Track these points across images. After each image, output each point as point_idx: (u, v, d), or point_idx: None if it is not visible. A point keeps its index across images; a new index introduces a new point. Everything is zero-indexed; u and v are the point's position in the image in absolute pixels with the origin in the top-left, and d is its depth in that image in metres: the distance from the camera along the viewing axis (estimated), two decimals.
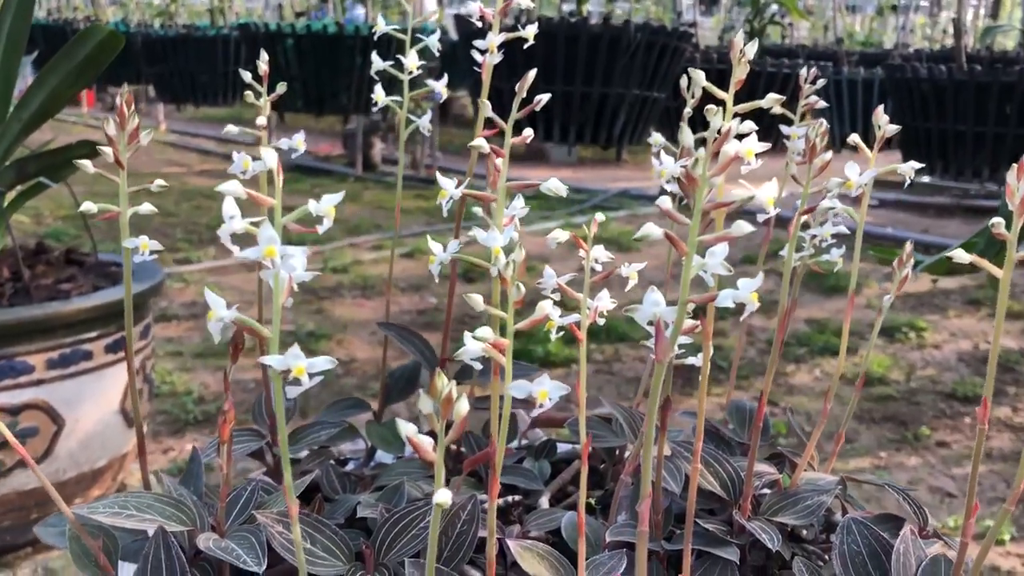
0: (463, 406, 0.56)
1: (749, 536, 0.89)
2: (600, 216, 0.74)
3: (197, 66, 5.60)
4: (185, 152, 8.22)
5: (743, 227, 0.57)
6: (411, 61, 1.04)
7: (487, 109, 0.74)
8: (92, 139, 1.97)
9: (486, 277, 4.02)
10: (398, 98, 1.09)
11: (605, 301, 0.73)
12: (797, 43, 4.88)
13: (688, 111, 1.06)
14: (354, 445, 1.22)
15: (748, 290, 0.56)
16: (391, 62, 1.10)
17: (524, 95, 0.76)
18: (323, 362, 0.55)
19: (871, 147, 0.89)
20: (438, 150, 6.30)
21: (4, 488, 1.82)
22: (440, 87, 1.08)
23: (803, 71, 0.99)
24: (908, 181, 0.89)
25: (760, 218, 0.71)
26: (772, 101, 0.64)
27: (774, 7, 3.94)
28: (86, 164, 0.85)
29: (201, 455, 0.95)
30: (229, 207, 0.54)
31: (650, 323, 0.58)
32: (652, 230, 0.57)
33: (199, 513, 0.84)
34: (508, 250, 0.70)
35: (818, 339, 3.83)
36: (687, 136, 0.56)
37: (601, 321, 0.71)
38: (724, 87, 0.81)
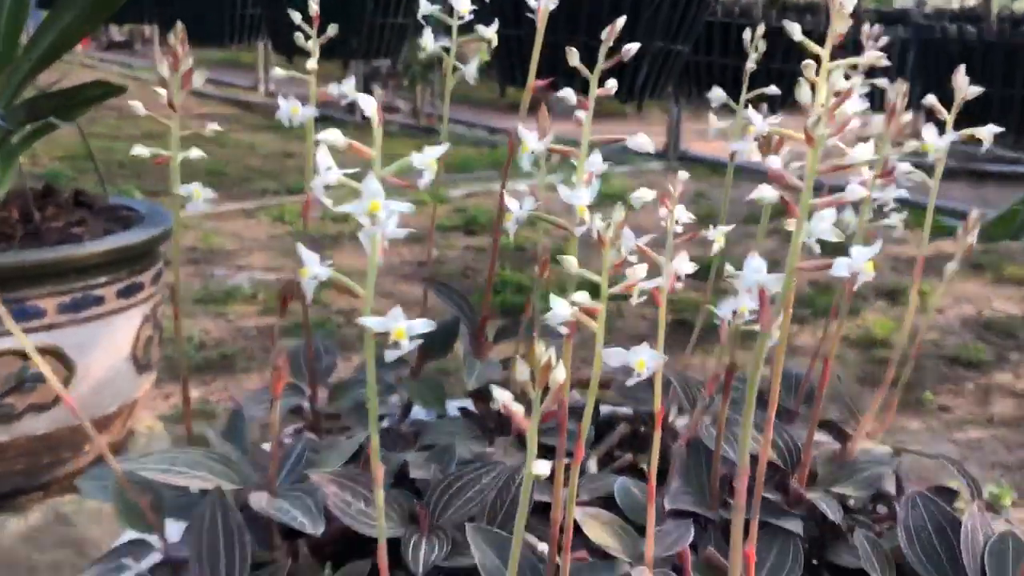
0: (560, 373, 0.53)
1: (806, 506, 0.87)
2: (684, 174, 0.70)
3: (200, 6, 5.45)
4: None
5: (857, 191, 0.54)
6: (463, 4, 1.00)
7: (575, 57, 0.70)
8: (106, 79, 1.91)
9: (487, 230, 4.04)
10: (447, 43, 1.05)
11: (685, 265, 0.70)
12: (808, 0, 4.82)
13: (751, 66, 1.02)
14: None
15: (864, 258, 0.53)
16: (438, 6, 1.06)
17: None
18: (422, 324, 0.52)
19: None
20: (438, 99, 6.21)
21: (15, 433, 1.79)
22: (490, 33, 1.03)
23: (864, 28, 0.95)
24: (986, 146, 0.86)
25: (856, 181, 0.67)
26: (873, 58, 0.61)
27: None
28: (138, 105, 0.81)
29: (246, 411, 0.92)
30: (323, 157, 0.51)
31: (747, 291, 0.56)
32: (767, 192, 0.54)
33: (248, 471, 0.82)
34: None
35: (822, 300, 3.82)
36: (804, 93, 0.53)
37: (679, 286, 0.68)
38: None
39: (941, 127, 0.83)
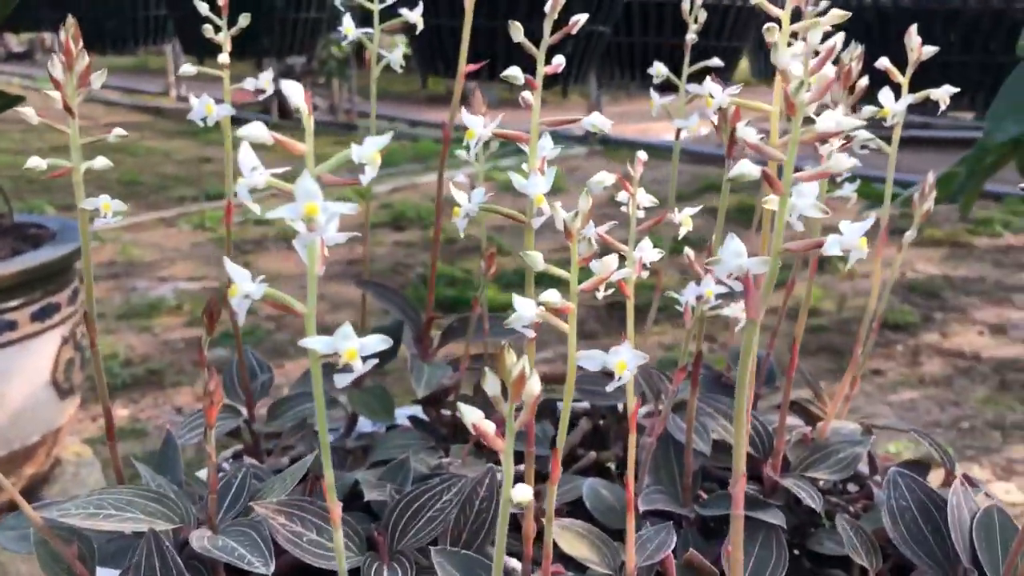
0: (535, 385, 0.47)
1: (783, 494, 0.83)
2: (643, 155, 0.65)
3: (104, 11, 5.19)
4: (88, 104, 7.80)
5: (842, 161, 0.49)
6: None
7: (518, 32, 0.65)
8: (4, 90, 1.79)
9: (416, 225, 3.93)
10: (369, 30, 0.98)
11: (650, 252, 0.65)
12: None
13: (692, 37, 0.98)
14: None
15: (856, 235, 0.49)
16: None
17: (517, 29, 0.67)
18: (376, 341, 0.46)
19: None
20: (356, 94, 6.09)
21: None
22: (416, 17, 0.97)
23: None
24: (943, 107, 0.83)
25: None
26: (836, 17, 0.56)
27: None
28: (29, 112, 0.72)
29: (176, 437, 0.85)
30: (247, 156, 0.44)
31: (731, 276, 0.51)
32: (749, 168, 0.49)
33: (185, 506, 0.74)
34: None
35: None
36: (783, 55, 0.48)
37: (645, 275, 0.63)
38: (673, 20, 0.74)
39: (897, 91, 0.80)
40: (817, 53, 0.48)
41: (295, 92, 0.45)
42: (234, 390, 1.00)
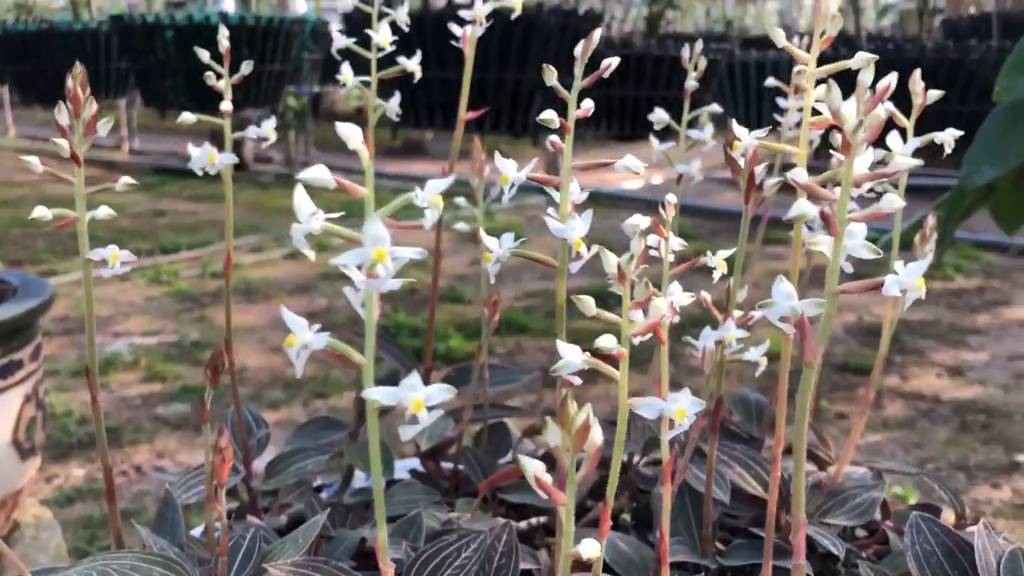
0: (598, 436, 0.46)
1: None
2: (672, 197, 0.65)
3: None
4: (41, 157, 7.67)
5: (895, 200, 0.49)
6: (383, 37, 0.93)
7: (553, 77, 0.64)
8: None
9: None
10: (367, 78, 0.97)
11: (680, 296, 0.64)
12: (671, 29, 4.93)
13: (693, 84, 0.98)
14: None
15: (915, 276, 0.49)
16: (353, 39, 0.98)
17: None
18: (440, 391, 0.44)
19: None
20: (313, 146, 6.07)
21: None
22: (413, 65, 0.96)
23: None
24: (949, 149, 0.83)
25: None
26: (862, 61, 0.57)
27: None
28: (33, 161, 0.70)
29: (176, 497, 0.81)
30: (304, 202, 0.42)
31: (781, 319, 0.50)
32: (806, 208, 0.48)
33: (191, 569, 0.71)
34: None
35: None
36: (837, 97, 0.48)
37: (676, 319, 0.62)
38: (636, 72, 0.74)
39: (903, 135, 0.81)
40: (875, 90, 0.48)
41: (351, 133, 0.43)
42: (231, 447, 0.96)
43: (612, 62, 0.67)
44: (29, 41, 5.32)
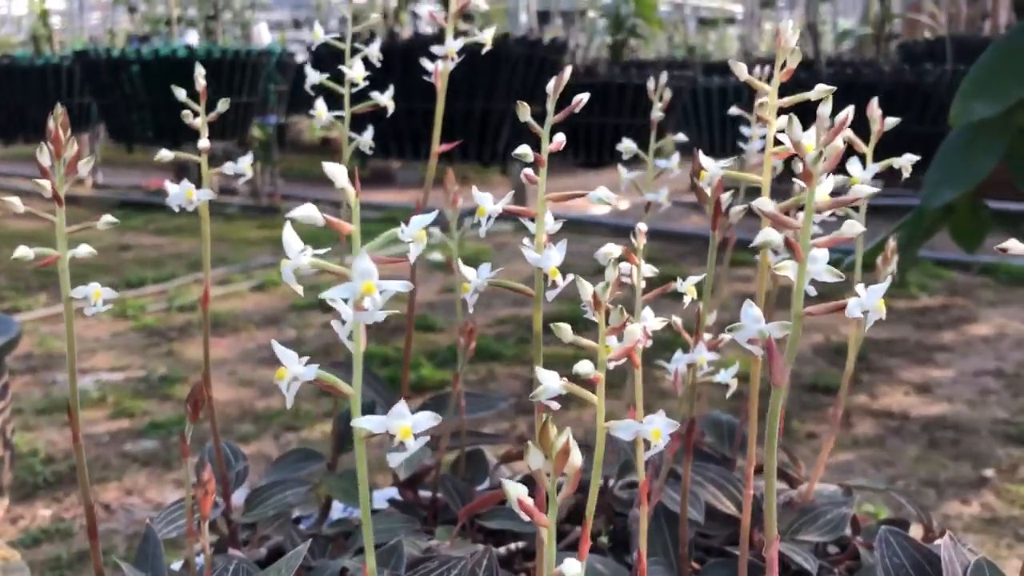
0: (577, 459, 0.47)
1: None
2: (643, 226, 0.67)
3: (24, 99, 5.03)
4: (1, 194, 7.57)
5: (856, 226, 0.51)
6: (357, 72, 0.94)
7: (526, 112, 0.66)
8: None
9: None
10: (341, 113, 0.99)
11: (652, 322, 0.66)
12: (634, 56, 5.00)
13: (658, 115, 1.01)
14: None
15: (876, 297, 0.51)
16: (326, 74, 1.00)
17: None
18: (427, 419, 0.45)
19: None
20: (279, 177, 6.06)
21: None
22: (386, 99, 0.98)
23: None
24: (906, 174, 0.86)
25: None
26: (821, 92, 0.59)
27: (632, 20, 4.00)
28: (15, 201, 0.70)
29: (157, 532, 0.81)
30: (292, 238, 0.43)
31: (750, 342, 0.52)
32: (772, 236, 0.50)
33: None
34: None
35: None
36: (797, 129, 0.50)
37: (648, 343, 0.64)
38: (601, 100, 0.76)
39: (862, 160, 0.83)
40: (831, 126, 0.50)
41: (338, 174, 0.45)
42: None
43: (583, 97, 0.69)
44: None
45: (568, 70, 0.68)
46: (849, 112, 0.53)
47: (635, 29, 3.86)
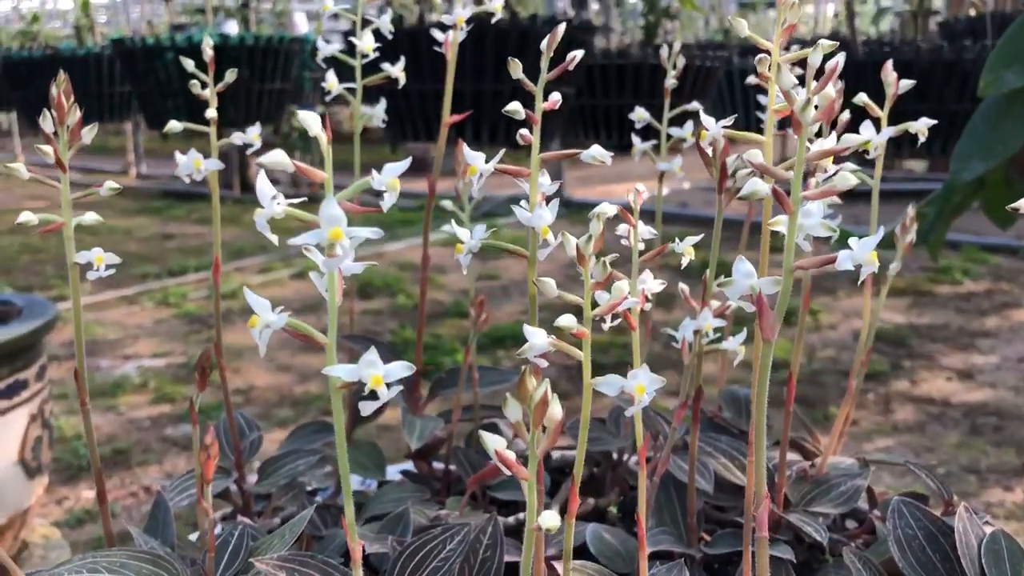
0: (557, 410, 0.47)
1: (787, 529, 0.83)
2: (641, 187, 0.66)
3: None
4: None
5: (848, 179, 0.50)
6: (366, 43, 0.94)
7: (518, 69, 0.65)
8: None
9: (383, 293, 3.89)
10: (352, 85, 0.99)
11: (652, 284, 0.65)
12: (671, 40, 4.96)
13: (672, 82, 1.00)
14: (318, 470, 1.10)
15: (867, 249, 0.49)
16: (338, 46, 1.00)
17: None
18: (400, 368, 0.45)
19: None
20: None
21: None
22: (397, 71, 0.98)
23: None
24: (923, 138, 0.84)
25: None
26: (827, 47, 0.58)
27: (665, 1, 3.98)
28: (19, 167, 0.71)
29: (168, 500, 0.82)
30: (265, 186, 0.44)
31: (743, 297, 0.51)
32: (758, 186, 0.49)
33: (180, 568, 0.72)
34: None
35: (737, 327, 3.86)
36: (786, 78, 0.49)
37: (648, 306, 0.63)
38: (634, 81, 0.75)
39: (876, 124, 0.82)
40: (820, 73, 0.49)
41: (312, 120, 0.45)
42: (223, 449, 0.98)
43: (577, 54, 0.68)
44: (34, 67, 5.37)
45: (562, 29, 0.67)
46: (840, 59, 0.52)
47: (669, 10, 3.82)
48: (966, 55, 2.52)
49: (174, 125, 0.87)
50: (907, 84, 0.81)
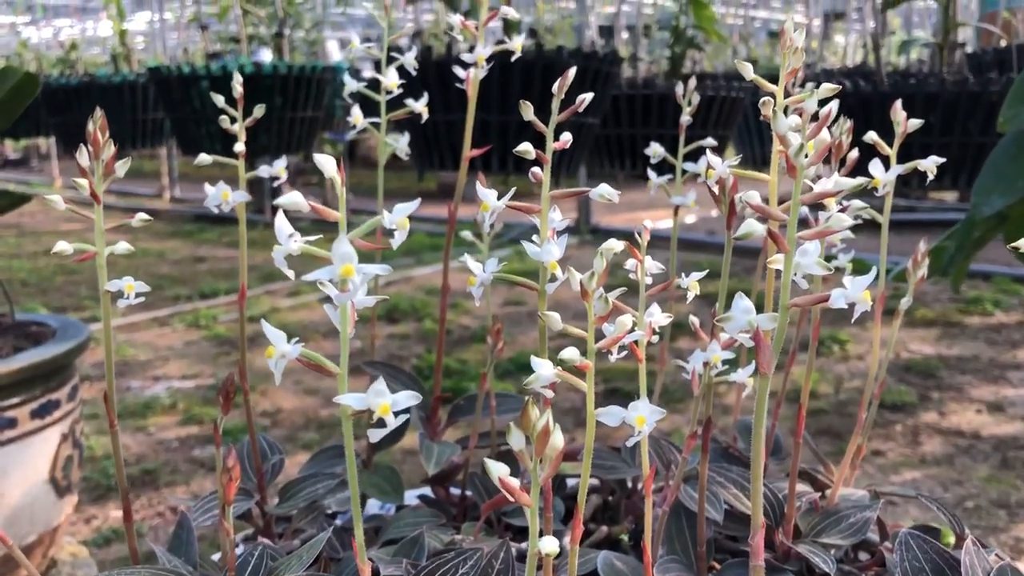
0: (558, 440, 0.49)
1: (796, 560, 0.84)
2: (648, 223, 0.68)
3: (105, 113, 5.27)
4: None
5: (843, 220, 0.52)
6: (391, 80, 0.98)
7: (529, 112, 0.68)
8: (9, 190, 1.83)
9: (410, 317, 3.93)
10: (377, 120, 1.02)
11: (658, 316, 0.67)
12: (699, 70, 4.99)
13: (686, 119, 1.02)
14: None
15: (860, 288, 0.51)
16: (364, 82, 1.03)
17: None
18: (407, 397, 0.47)
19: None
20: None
21: None
22: (420, 106, 1.01)
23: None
24: (931, 177, 0.86)
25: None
26: (828, 91, 0.60)
27: (691, 32, 4.00)
28: (56, 199, 0.75)
29: (192, 520, 0.85)
30: (283, 224, 0.46)
31: (744, 332, 0.53)
32: (754, 227, 0.51)
33: None
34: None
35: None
36: (782, 123, 0.51)
37: (655, 339, 0.65)
38: (659, 111, 0.77)
39: (885, 163, 0.83)
40: (816, 118, 0.51)
41: (328, 164, 0.47)
42: (245, 471, 1.00)
43: (586, 97, 0.71)
44: (72, 94, 5.51)
45: (573, 71, 0.69)
46: (833, 107, 0.53)
47: (694, 41, 3.85)
48: (992, 87, 2.53)
49: (203, 158, 0.91)
50: (915, 123, 0.83)
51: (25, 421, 1.77)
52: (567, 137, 0.70)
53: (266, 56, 4.97)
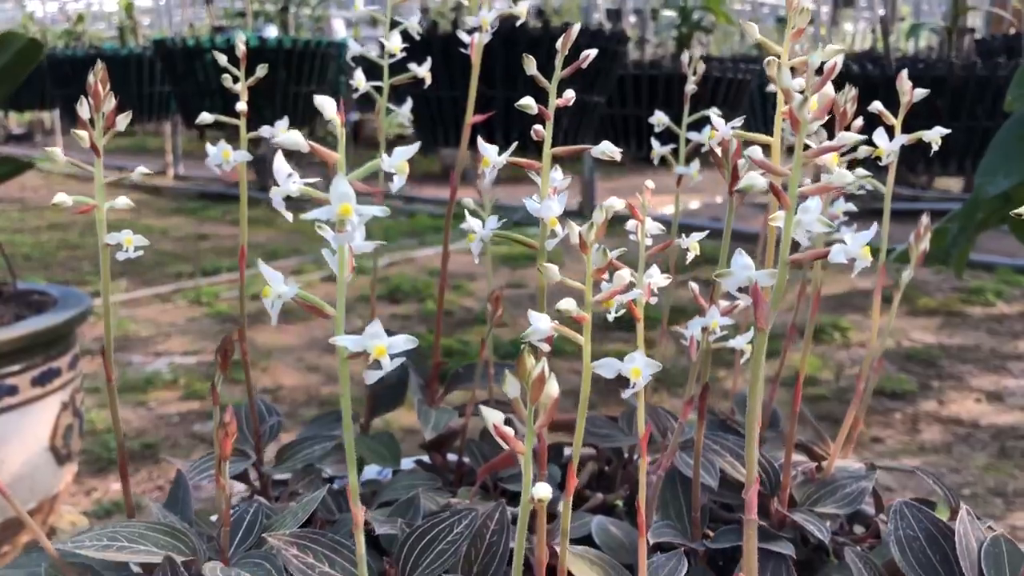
0: (554, 388, 0.49)
1: (791, 528, 0.84)
2: (650, 184, 0.68)
3: (110, 87, 5.26)
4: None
5: (845, 176, 0.52)
6: (394, 43, 0.97)
7: (532, 65, 0.68)
8: (12, 156, 1.83)
9: (412, 298, 3.93)
10: (379, 84, 1.02)
11: (658, 278, 0.67)
12: (706, 53, 4.97)
13: (692, 88, 1.01)
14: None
15: (860, 244, 0.51)
16: (367, 46, 1.03)
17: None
18: (404, 341, 0.47)
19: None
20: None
21: None
22: (424, 71, 1.01)
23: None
24: (935, 148, 0.86)
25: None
26: (832, 52, 0.59)
27: (698, 14, 4.00)
28: (56, 151, 0.75)
29: (188, 479, 0.85)
30: (282, 164, 0.46)
31: (740, 289, 0.53)
32: (756, 179, 0.51)
33: (197, 541, 0.75)
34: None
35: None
36: (786, 76, 0.51)
37: (653, 300, 0.65)
38: (665, 92, 0.76)
39: (890, 132, 0.83)
40: (820, 71, 0.51)
41: (327, 105, 0.47)
42: (243, 433, 1.00)
43: (591, 52, 0.70)
44: (77, 66, 5.50)
45: (576, 29, 0.69)
46: (839, 59, 0.53)
47: (701, 23, 3.83)
48: (1000, 72, 2.52)
49: (205, 117, 0.90)
50: (921, 93, 0.83)
51: (26, 388, 1.78)
52: (569, 94, 0.70)
53: (271, 32, 4.96)
